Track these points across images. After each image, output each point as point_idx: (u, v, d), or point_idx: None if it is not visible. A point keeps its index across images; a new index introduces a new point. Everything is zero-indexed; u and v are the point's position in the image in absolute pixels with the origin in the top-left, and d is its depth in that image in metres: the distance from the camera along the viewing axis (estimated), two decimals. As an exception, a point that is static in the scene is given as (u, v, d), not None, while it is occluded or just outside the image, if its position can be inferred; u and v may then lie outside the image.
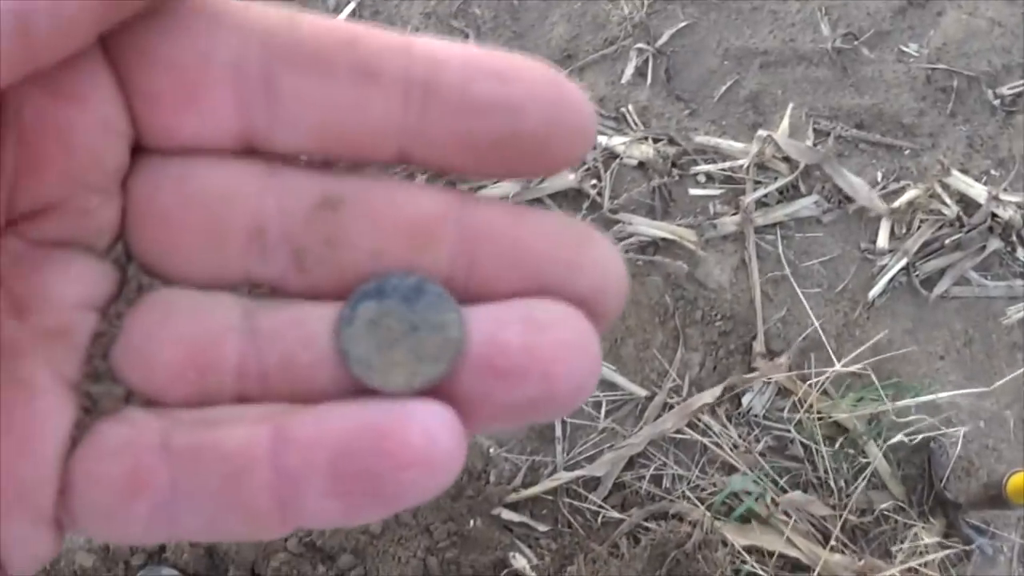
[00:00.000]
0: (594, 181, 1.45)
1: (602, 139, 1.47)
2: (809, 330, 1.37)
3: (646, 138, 1.48)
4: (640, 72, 1.55)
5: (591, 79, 1.54)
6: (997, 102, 1.49)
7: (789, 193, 1.45)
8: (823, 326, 1.37)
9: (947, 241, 1.39)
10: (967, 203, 1.42)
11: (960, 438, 1.32)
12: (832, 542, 1.26)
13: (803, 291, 1.39)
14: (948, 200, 1.41)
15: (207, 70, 0.19)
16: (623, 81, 1.55)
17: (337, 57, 0.18)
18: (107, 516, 0.18)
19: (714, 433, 1.33)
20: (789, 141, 1.44)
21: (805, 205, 1.43)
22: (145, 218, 0.19)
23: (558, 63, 1.41)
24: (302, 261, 0.19)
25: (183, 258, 0.19)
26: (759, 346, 1.36)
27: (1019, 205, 1.40)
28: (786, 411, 1.34)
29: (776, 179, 1.44)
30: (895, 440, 1.30)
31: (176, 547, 1.29)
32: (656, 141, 1.48)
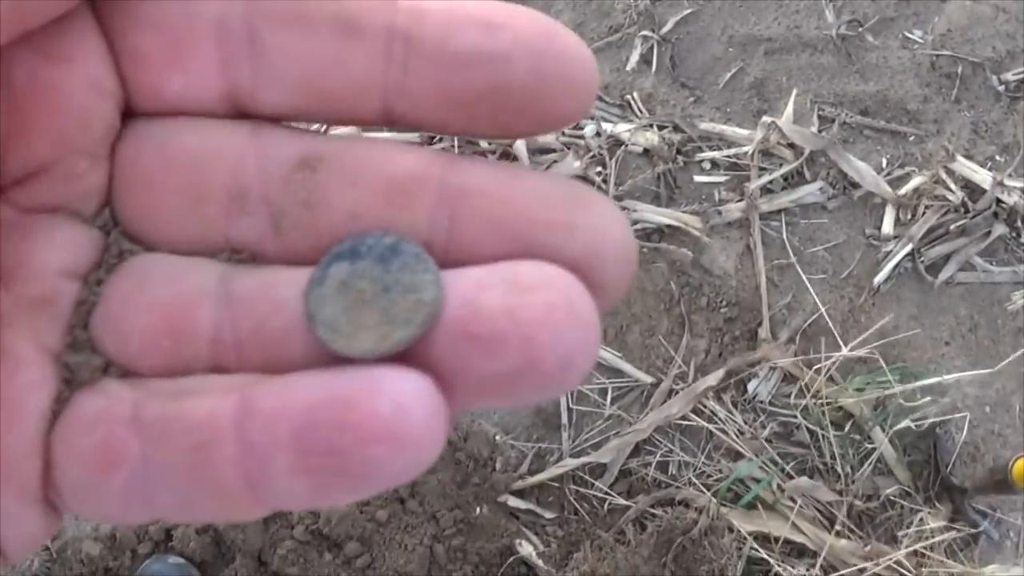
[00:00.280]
0: (599, 168, 1.45)
1: (607, 126, 1.47)
2: (814, 316, 1.37)
3: (651, 125, 1.48)
4: (645, 59, 1.55)
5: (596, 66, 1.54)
6: (1002, 88, 1.48)
7: (794, 179, 1.45)
8: (828, 312, 1.37)
9: (952, 227, 1.39)
10: (972, 189, 1.41)
11: (966, 423, 1.32)
12: (838, 527, 1.27)
13: (808, 277, 1.39)
14: (953, 186, 1.41)
15: (192, 28, 0.18)
16: (628, 68, 1.55)
17: (320, 11, 0.18)
18: (85, 491, 0.18)
19: (720, 419, 1.33)
20: (794, 128, 1.44)
21: (810, 191, 1.43)
22: (129, 181, 0.19)
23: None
24: (279, 224, 0.18)
25: (164, 222, 0.19)
26: (764, 332, 1.36)
27: (1024, 191, 1.40)
28: (792, 397, 1.34)
29: (781, 165, 1.44)
30: (901, 426, 1.30)
31: (183, 535, 1.29)
32: (661, 128, 1.48)
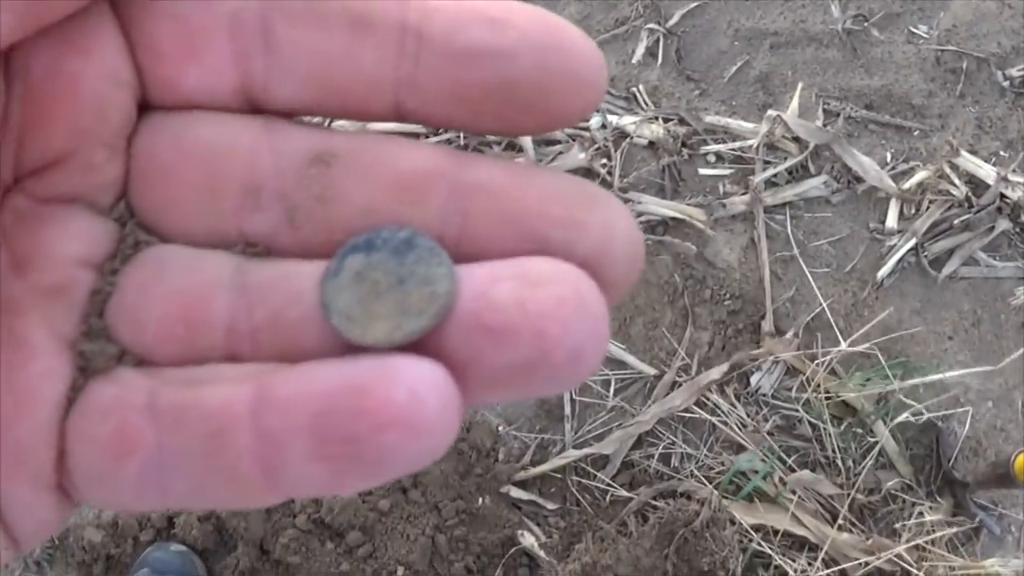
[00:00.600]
0: (604, 160, 1.45)
1: (612, 118, 1.47)
2: (817, 310, 1.37)
3: (656, 118, 1.48)
4: (651, 52, 1.55)
5: (601, 59, 1.54)
6: (1006, 83, 1.48)
7: (798, 173, 1.45)
8: (831, 306, 1.37)
9: (956, 222, 1.39)
10: (976, 184, 1.41)
11: (968, 418, 1.32)
12: (840, 521, 1.27)
13: (812, 271, 1.39)
14: (957, 181, 1.41)
15: (207, 21, 0.18)
16: (634, 61, 1.55)
17: (333, 7, 0.18)
18: (99, 479, 0.18)
19: (722, 412, 1.33)
20: (799, 121, 1.44)
21: (814, 185, 1.43)
22: (145, 173, 0.19)
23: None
24: (293, 218, 0.19)
25: (179, 214, 0.19)
26: (768, 325, 1.36)
27: (1028, 186, 1.40)
28: (794, 390, 1.34)
29: (785, 159, 1.44)
30: (903, 419, 1.30)
31: (185, 523, 1.29)
32: (666, 121, 1.48)
